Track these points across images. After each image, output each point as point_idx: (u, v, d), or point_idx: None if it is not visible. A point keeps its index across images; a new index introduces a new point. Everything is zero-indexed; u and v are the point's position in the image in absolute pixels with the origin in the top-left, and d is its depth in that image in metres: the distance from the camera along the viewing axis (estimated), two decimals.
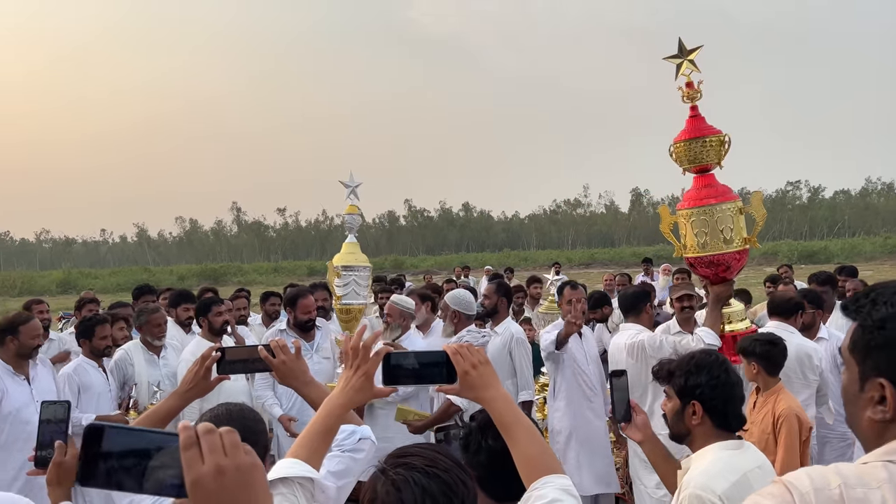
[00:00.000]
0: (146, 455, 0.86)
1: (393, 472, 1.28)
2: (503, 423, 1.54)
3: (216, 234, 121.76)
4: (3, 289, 45.25)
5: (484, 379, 1.56)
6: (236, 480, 0.85)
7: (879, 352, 1.12)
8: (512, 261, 52.58)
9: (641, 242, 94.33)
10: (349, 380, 1.56)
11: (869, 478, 1.08)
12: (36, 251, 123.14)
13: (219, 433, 0.87)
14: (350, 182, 4.51)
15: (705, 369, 2.12)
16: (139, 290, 6.99)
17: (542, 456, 1.51)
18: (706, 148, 3.41)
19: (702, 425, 2.11)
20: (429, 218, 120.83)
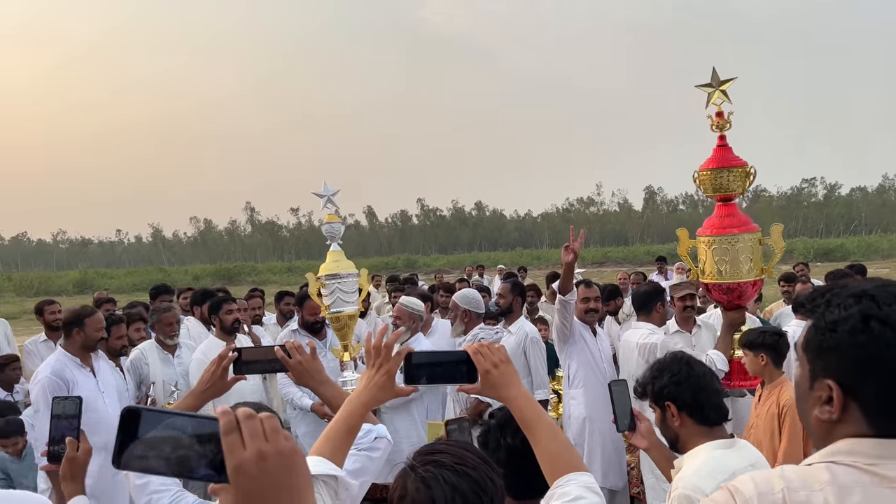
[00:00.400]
0: (183, 438, 0.85)
1: (423, 469, 1.29)
2: (525, 421, 1.55)
3: (230, 234, 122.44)
4: (20, 289, 45.76)
5: (505, 378, 1.57)
6: (278, 465, 0.85)
7: (829, 353, 1.14)
8: (525, 260, 52.49)
9: (655, 241, 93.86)
10: (371, 378, 1.57)
11: (812, 480, 1.10)
12: (53, 252, 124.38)
13: (259, 418, 0.86)
14: (325, 191, 4.49)
15: (666, 370, 2.20)
16: (156, 290, 7.05)
17: (565, 453, 1.52)
18: (732, 178, 3.51)
19: (683, 426, 2.15)
20: (441, 217, 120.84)
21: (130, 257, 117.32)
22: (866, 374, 1.11)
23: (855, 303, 1.13)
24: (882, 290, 1.14)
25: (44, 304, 6.72)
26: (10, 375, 5.49)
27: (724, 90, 3.54)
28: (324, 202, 4.45)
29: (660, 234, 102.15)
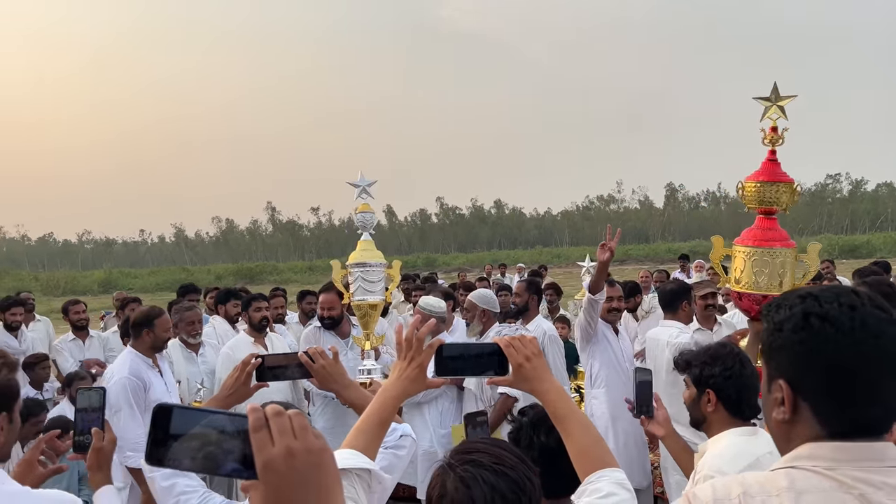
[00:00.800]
0: (213, 435, 0.86)
1: (461, 468, 1.29)
2: (557, 415, 1.55)
3: (252, 233, 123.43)
4: (47, 289, 46.49)
5: (538, 371, 1.57)
6: (307, 462, 0.85)
7: (778, 353, 1.16)
8: (545, 258, 52.37)
9: (677, 238, 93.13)
10: (403, 370, 1.56)
11: (770, 486, 1.11)
12: (78, 252, 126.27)
13: (287, 415, 0.87)
14: (360, 181, 4.52)
15: (720, 360, 2.22)
16: (184, 289, 7.12)
17: (597, 449, 1.52)
18: (778, 193, 3.61)
19: (716, 412, 2.21)
20: (460, 215, 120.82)
21: (154, 257, 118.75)
22: (808, 370, 1.12)
23: (799, 302, 1.15)
24: (825, 291, 1.16)
25: (69, 304, 6.83)
26: (40, 374, 5.57)
27: (782, 106, 3.62)
28: (358, 192, 4.49)
29: (681, 232, 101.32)
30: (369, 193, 4.50)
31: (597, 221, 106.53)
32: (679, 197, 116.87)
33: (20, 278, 51.55)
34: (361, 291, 4.38)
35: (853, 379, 1.10)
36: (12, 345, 6.07)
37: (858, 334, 1.09)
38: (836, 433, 1.11)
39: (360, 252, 4.45)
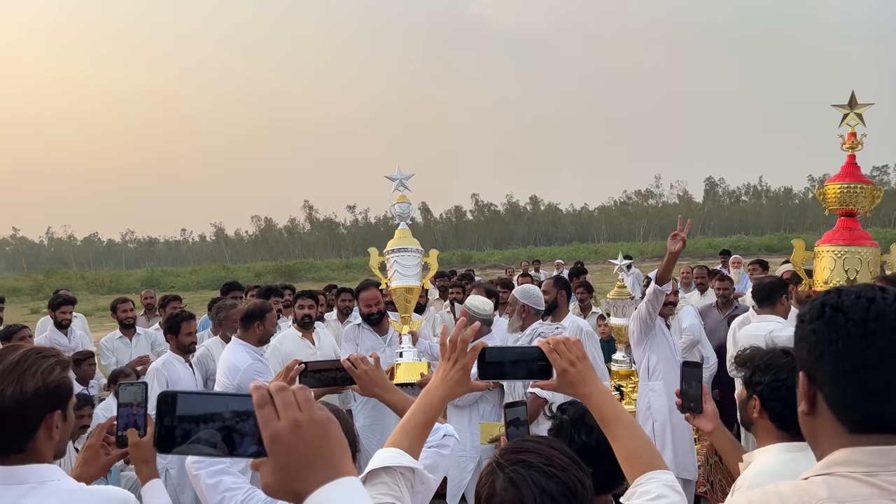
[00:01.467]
0: (220, 417, 0.87)
1: (511, 469, 1.27)
2: (604, 418, 1.52)
3: (290, 231, 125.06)
4: (93, 287, 47.71)
5: (583, 375, 1.54)
6: (313, 432, 0.86)
7: (799, 345, 1.16)
8: (581, 254, 51.86)
9: (717, 233, 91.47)
10: (447, 372, 1.56)
11: (808, 496, 1.07)
12: (122, 251, 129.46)
13: (291, 390, 0.88)
14: (397, 175, 4.56)
15: (773, 369, 2.09)
16: (228, 286, 7.19)
17: (645, 451, 1.49)
18: (858, 195, 3.72)
19: (762, 420, 2.11)
20: (495, 212, 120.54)
21: (195, 256, 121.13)
22: (820, 361, 1.11)
23: (822, 295, 1.15)
24: (855, 286, 1.15)
25: (118, 301, 6.94)
26: (87, 371, 5.71)
27: (860, 114, 3.71)
28: (395, 185, 4.53)
29: (721, 227, 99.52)
30: (406, 187, 4.56)
31: (634, 217, 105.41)
32: (719, 191, 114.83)
33: (67, 277, 53.04)
34: (398, 276, 4.43)
35: (864, 371, 1.07)
36: (62, 342, 6.23)
37: (871, 325, 1.07)
38: (854, 428, 1.09)
39: (398, 239, 4.49)
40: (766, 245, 52.29)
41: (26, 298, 40.43)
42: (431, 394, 1.56)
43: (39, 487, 1.55)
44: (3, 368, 1.55)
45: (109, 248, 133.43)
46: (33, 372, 1.56)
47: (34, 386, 1.55)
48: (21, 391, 1.54)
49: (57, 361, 1.61)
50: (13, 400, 1.53)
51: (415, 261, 4.44)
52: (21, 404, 1.54)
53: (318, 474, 0.85)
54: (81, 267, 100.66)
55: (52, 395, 1.58)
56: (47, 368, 1.58)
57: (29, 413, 1.56)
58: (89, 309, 24.61)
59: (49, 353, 1.63)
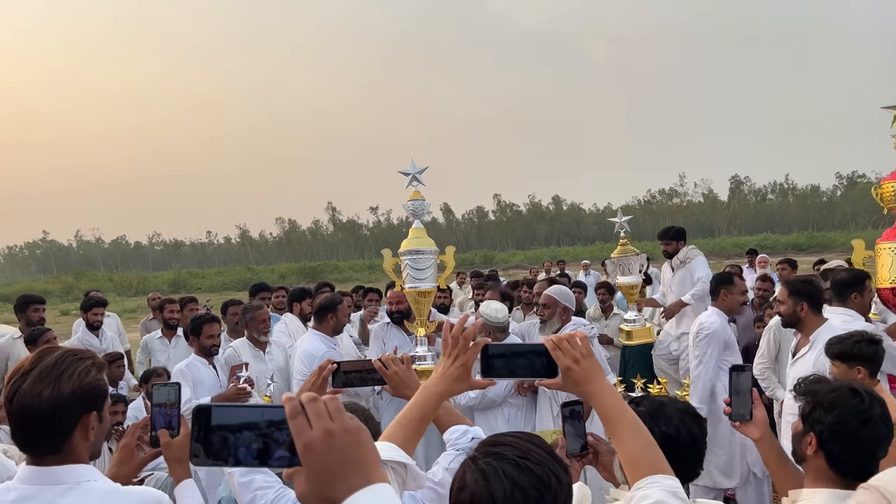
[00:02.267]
0: (254, 428, 0.90)
1: (483, 461, 1.23)
2: (608, 418, 1.48)
3: (313, 233, 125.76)
4: (120, 289, 48.42)
5: (587, 373, 1.49)
6: (345, 441, 0.89)
7: None
8: (605, 253, 51.48)
9: (742, 232, 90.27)
10: (447, 368, 1.53)
11: None
12: (149, 253, 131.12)
13: (322, 401, 0.91)
14: (411, 169, 4.49)
15: (837, 410, 1.91)
16: (257, 288, 7.33)
17: (648, 453, 1.44)
18: None
19: (815, 458, 1.95)
20: (518, 212, 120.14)
21: (220, 257, 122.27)
22: None
23: None
24: None
25: (165, 301, 7.22)
26: (115, 372, 5.79)
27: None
28: (409, 180, 4.49)
29: (747, 226, 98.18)
30: (420, 181, 4.49)
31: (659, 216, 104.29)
32: (745, 189, 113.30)
33: (95, 279, 53.91)
34: (410, 279, 4.41)
35: None
36: (94, 343, 6.33)
37: None
38: None
39: (412, 240, 4.45)
40: (793, 244, 51.49)
41: (56, 300, 41.17)
42: (429, 389, 1.54)
43: (76, 488, 1.57)
44: (41, 370, 1.57)
45: (137, 250, 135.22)
46: (70, 374, 1.58)
47: (71, 388, 1.57)
48: (58, 393, 1.56)
49: (93, 363, 1.63)
50: (50, 401, 1.55)
51: (427, 263, 4.40)
52: (58, 406, 1.56)
53: (350, 481, 0.87)
54: (109, 269, 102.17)
55: (89, 397, 1.60)
56: (83, 370, 1.60)
57: (65, 414, 1.57)
58: (117, 310, 24.91)
59: (85, 354, 1.65)
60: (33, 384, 1.55)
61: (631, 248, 6.00)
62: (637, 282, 5.96)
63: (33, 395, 1.55)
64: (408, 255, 4.42)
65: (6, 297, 41.57)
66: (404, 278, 4.47)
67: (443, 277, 4.74)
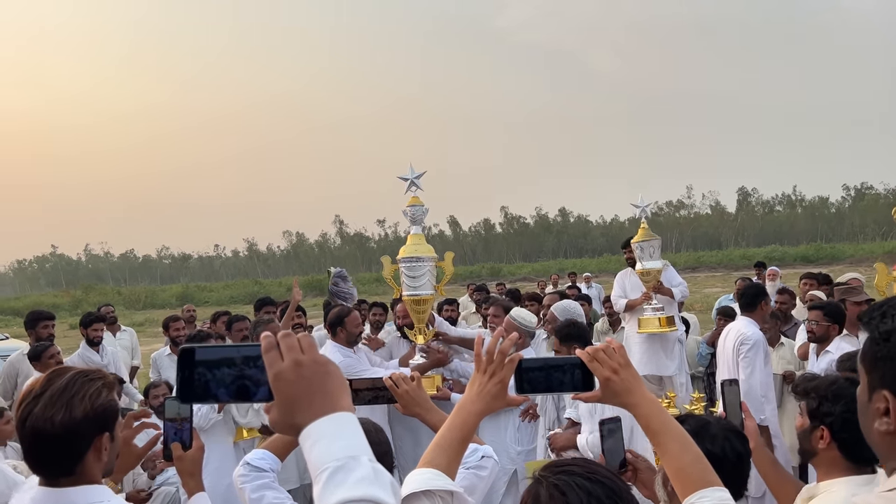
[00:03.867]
0: (234, 364, 0.95)
1: (554, 478, 1.25)
2: (651, 429, 1.43)
3: (321, 246, 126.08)
4: (129, 302, 48.58)
5: (627, 384, 1.44)
6: (314, 371, 0.94)
7: (884, 363, 1.14)
8: (613, 266, 51.38)
9: (750, 244, 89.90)
10: (484, 386, 1.47)
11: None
12: (157, 267, 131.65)
13: (296, 336, 0.96)
14: (409, 174, 4.45)
15: (843, 400, 1.97)
16: (261, 302, 7.28)
17: (697, 467, 1.40)
18: None
19: (828, 451, 1.99)
20: (525, 224, 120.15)
21: (228, 271, 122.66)
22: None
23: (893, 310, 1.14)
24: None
25: (169, 320, 7.05)
26: None
27: None
28: (408, 186, 4.45)
29: (755, 237, 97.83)
30: (418, 185, 4.46)
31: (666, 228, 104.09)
32: (752, 201, 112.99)
33: (104, 293, 54.07)
34: (406, 287, 4.39)
35: None
36: (94, 359, 6.28)
37: None
38: None
39: (411, 246, 4.41)
40: (801, 255, 51.23)
41: (65, 314, 41.28)
42: (467, 409, 1.47)
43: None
44: (52, 394, 1.56)
45: (145, 263, 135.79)
46: (81, 396, 1.57)
47: (83, 411, 1.56)
48: (70, 416, 1.55)
49: (104, 384, 1.62)
50: (63, 425, 1.54)
51: (423, 270, 4.35)
52: (70, 429, 1.55)
53: (315, 408, 0.92)
54: (118, 283, 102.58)
55: (101, 419, 1.60)
56: (94, 392, 1.59)
57: (78, 437, 1.57)
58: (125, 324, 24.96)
59: (95, 375, 1.64)
60: (45, 408, 1.55)
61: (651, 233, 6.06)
62: (660, 267, 6.01)
63: (45, 419, 1.54)
64: (405, 263, 4.37)
65: (16, 310, 41.79)
66: (402, 286, 4.46)
67: (441, 284, 4.69)
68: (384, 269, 4.65)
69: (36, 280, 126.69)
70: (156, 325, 30.04)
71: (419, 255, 4.38)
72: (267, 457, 2.02)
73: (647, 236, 6.07)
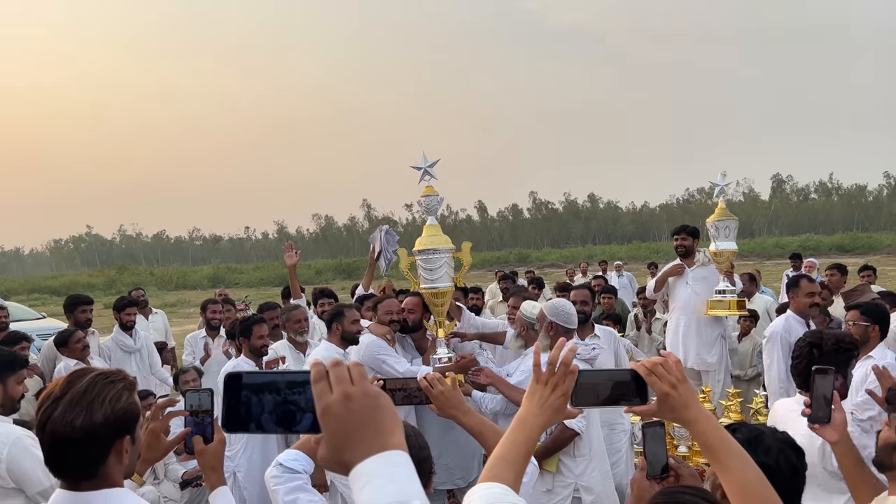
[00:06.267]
0: (280, 393, 0.92)
1: None
2: (709, 446, 1.40)
3: (349, 229, 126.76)
4: (161, 283, 49.37)
5: (684, 399, 1.42)
6: (364, 405, 0.88)
7: None
8: (642, 253, 50.90)
9: (784, 232, 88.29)
10: (546, 398, 1.44)
11: None
12: (188, 248, 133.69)
13: (346, 365, 0.91)
14: (422, 163, 4.31)
15: None
16: (287, 290, 7.32)
17: (759, 485, 1.36)
18: None
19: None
20: (553, 210, 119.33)
21: (258, 253, 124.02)
22: None
23: None
24: None
25: (208, 302, 7.11)
26: None
27: None
28: (421, 175, 4.33)
29: (789, 226, 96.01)
30: (432, 174, 4.33)
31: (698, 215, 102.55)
32: (787, 188, 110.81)
33: (137, 273, 55.11)
34: (423, 280, 4.28)
35: None
36: (128, 343, 6.39)
37: None
38: None
39: (427, 238, 4.29)
40: (837, 245, 50.10)
41: (100, 294, 42.18)
42: (530, 423, 1.43)
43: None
44: (72, 397, 1.53)
45: (177, 245, 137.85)
46: (101, 400, 1.54)
47: (103, 415, 1.53)
48: (90, 421, 1.52)
49: (124, 386, 1.59)
50: (83, 430, 1.52)
51: (440, 262, 4.24)
52: (90, 434, 1.52)
53: (365, 445, 0.86)
54: (150, 263, 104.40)
55: (122, 422, 1.57)
56: (115, 395, 1.56)
57: (99, 442, 1.54)
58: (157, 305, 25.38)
59: (116, 377, 1.61)
60: (65, 412, 1.52)
61: (729, 213, 5.87)
62: (735, 248, 5.84)
63: (65, 424, 1.51)
64: (421, 255, 4.27)
65: (53, 289, 42.81)
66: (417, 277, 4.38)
67: (459, 275, 4.59)
68: (401, 261, 4.57)
69: (72, 259, 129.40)
70: (187, 305, 30.53)
71: (435, 246, 4.25)
72: (300, 458, 1.99)
73: (724, 216, 5.87)
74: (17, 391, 3.03)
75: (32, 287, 46.53)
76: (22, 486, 2.76)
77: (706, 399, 4.68)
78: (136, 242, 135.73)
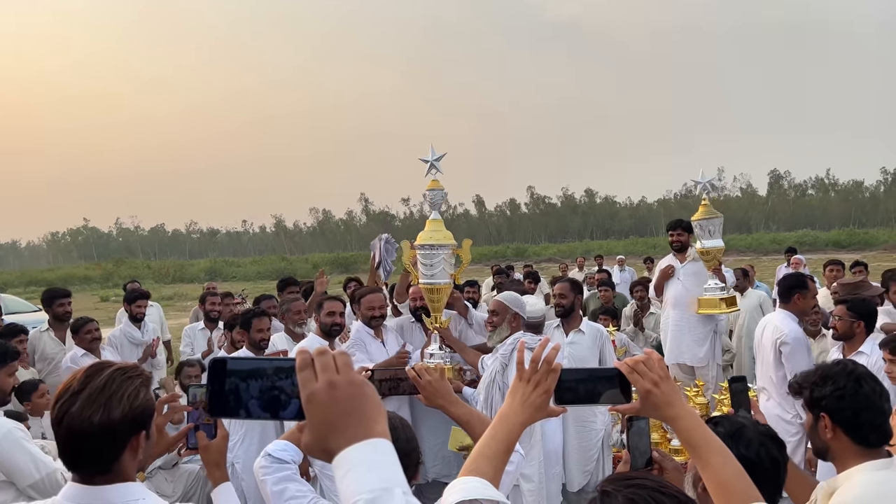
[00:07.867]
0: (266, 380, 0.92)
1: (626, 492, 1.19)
2: (692, 443, 1.41)
3: (346, 224, 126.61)
4: (158, 276, 49.30)
5: (667, 396, 1.43)
6: (348, 393, 0.89)
7: None
8: (640, 248, 50.92)
9: (781, 228, 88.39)
10: (528, 396, 1.44)
11: None
12: (186, 241, 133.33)
13: (332, 354, 0.91)
14: (430, 156, 4.34)
15: (830, 380, 2.02)
16: (284, 283, 7.30)
17: (740, 482, 1.37)
18: None
19: (836, 440, 1.99)
20: (551, 205, 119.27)
21: (255, 246, 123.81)
22: None
23: None
24: None
25: (207, 294, 7.12)
26: None
27: None
28: (428, 168, 4.36)
29: (786, 221, 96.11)
30: (438, 168, 4.37)
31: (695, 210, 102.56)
32: (784, 184, 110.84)
33: (134, 266, 55.03)
34: (421, 276, 4.30)
35: None
36: (136, 336, 6.41)
37: None
38: None
39: (429, 232, 4.31)
40: (833, 240, 50.17)
41: (96, 287, 42.14)
42: (512, 419, 1.44)
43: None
44: (90, 392, 1.53)
45: (174, 238, 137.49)
46: (119, 396, 1.54)
47: (121, 412, 1.53)
48: (108, 417, 1.52)
49: (141, 382, 1.59)
50: (100, 426, 1.51)
51: (438, 258, 4.25)
52: (108, 430, 1.52)
53: (349, 433, 0.87)
54: (147, 256, 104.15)
55: (139, 419, 1.57)
56: (133, 392, 1.56)
57: (115, 438, 1.54)
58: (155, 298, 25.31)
59: (133, 373, 1.61)
60: (83, 408, 1.52)
61: (714, 211, 5.81)
62: (721, 246, 5.75)
63: (83, 419, 1.51)
64: (421, 250, 4.29)
65: (50, 282, 42.69)
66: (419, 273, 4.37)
67: (458, 272, 4.61)
68: (403, 254, 4.57)
69: (69, 252, 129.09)
70: (184, 298, 30.51)
71: (434, 242, 4.27)
72: (289, 448, 1.99)
73: (709, 214, 5.80)
74: (7, 383, 3.05)
75: (29, 280, 46.47)
76: (13, 479, 2.70)
77: (700, 393, 4.70)
78: (134, 235, 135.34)
